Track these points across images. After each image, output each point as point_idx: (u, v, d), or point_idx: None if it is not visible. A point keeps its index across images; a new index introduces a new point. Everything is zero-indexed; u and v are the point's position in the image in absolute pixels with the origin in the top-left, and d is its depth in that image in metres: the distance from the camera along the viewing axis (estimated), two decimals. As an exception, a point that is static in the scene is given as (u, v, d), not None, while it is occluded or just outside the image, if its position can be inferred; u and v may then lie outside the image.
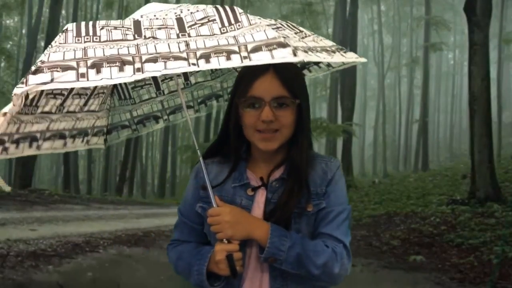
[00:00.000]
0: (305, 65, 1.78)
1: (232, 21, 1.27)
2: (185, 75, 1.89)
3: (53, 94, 1.57)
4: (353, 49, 21.39)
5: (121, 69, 1.08)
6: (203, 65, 1.09)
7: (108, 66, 1.09)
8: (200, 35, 1.22)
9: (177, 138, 33.75)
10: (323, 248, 1.31)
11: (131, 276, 5.58)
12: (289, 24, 1.43)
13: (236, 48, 1.13)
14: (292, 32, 1.36)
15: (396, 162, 37.35)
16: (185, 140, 36.21)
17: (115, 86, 1.83)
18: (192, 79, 1.92)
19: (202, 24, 1.27)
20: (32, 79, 1.06)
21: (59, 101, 1.59)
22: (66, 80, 1.06)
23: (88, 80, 1.06)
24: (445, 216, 9.55)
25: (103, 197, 22.38)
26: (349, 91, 20.15)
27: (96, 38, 1.21)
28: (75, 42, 1.19)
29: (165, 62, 1.08)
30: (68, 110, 1.65)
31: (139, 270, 5.93)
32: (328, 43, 1.41)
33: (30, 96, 1.16)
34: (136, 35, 1.23)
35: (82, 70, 1.08)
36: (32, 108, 1.53)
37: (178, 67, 1.08)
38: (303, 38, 1.36)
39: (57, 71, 1.07)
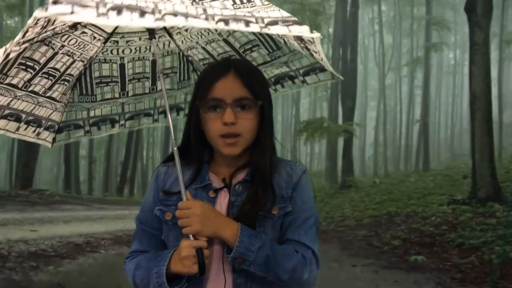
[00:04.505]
0: (279, 79, 1.75)
1: (245, 0, 1.26)
2: (153, 79, 1.83)
3: (25, 65, 1.54)
4: (354, 49, 21.43)
5: (141, 16, 1.04)
6: (222, 26, 1.06)
7: (128, 11, 1.05)
8: (214, 6, 1.20)
9: (178, 139, 33.53)
10: (293, 252, 1.26)
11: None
12: None
13: (253, 20, 1.11)
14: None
15: (397, 162, 37.30)
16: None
17: (78, 78, 1.76)
18: (159, 85, 1.83)
19: (213, 0, 1.25)
20: (53, 8, 1.01)
21: (28, 76, 1.57)
22: (86, 15, 1.01)
23: (108, 18, 1.02)
24: (446, 216, 9.54)
25: (104, 197, 22.42)
26: (349, 91, 20.14)
27: None
28: None
29: (185, 17, 1.06)
30: (33, 89, 1.62)
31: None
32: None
33: (11, 55, 1.11)
34: None
35: (102, 10, 1.04)
36: (1, 76, 1.52)
37: (198, 24, 1.06)
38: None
39: (77, 5, 1.03)
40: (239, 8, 1.22)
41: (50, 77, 1.64)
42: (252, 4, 1.24)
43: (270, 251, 1.23)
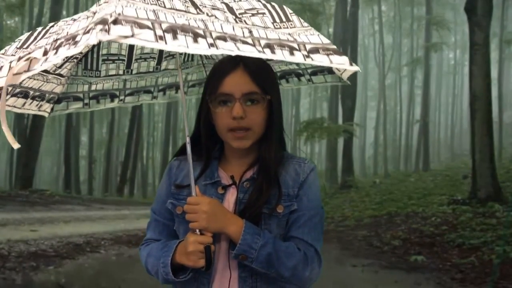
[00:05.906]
0: (286, 75, 1.76)
1: (284, 19, 1.28)
2: (159, 59, 1.84)
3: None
4: (354, 49, 21.44)
5: (195, 41, 1.04)
6: (269, 55, 1.07)
7: (183, 35, 1.05)
8: (256, 25, 1.20)
9: (178, 139, 33.72)
10: (295, 250, 1.30)
11: (132, 276, 5.58)
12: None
13: (296, 46, 1.12)
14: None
15: (397, 162, 37.26)
16: (186, 141, 36.04)
17: (86, 53, 1.75)
18: (164, 65, 1.87)
19: (253, 15, 1.25)
20: (115, 29, 0.98)
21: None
22: (145, 38, 0.99)
23: (166, 43, 1.01)
24: (446, 216, 9.55)
25: (104, 197, 22.41)
26: (349, 91, 20.13)
27: (161, 3, 1.15)
28: (142, 2, 1.12)
29: (235, 43, 1.06)
30: (45, 69, 1.63)
31: (140, 270, 5.94)
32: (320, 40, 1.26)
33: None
34: (197, 10, 1.18)
35: (159, 32, 1.03)
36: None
37: (249, 51, 1.07)
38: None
39: (135, 27, 1.00)
40: (279, 28, 1.23)
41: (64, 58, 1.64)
42: (291, 24, 1.25)
43: (272, 249, 1.26)
